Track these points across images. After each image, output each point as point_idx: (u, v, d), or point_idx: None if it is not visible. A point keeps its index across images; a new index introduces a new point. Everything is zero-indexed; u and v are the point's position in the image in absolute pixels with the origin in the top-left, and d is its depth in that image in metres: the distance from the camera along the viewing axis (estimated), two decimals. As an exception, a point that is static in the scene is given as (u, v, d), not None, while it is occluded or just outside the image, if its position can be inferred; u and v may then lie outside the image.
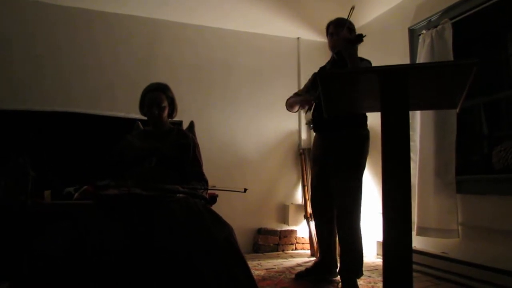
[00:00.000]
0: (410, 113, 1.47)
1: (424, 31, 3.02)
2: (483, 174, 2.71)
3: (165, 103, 2.16)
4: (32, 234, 1.74)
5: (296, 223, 3.87)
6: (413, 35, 3.26)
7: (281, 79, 4.06)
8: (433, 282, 2.57)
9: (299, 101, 2.58)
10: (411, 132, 2.81)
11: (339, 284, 2.47)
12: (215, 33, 3.92)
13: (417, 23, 3.19)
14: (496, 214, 2.50)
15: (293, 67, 4.18)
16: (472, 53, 3.10)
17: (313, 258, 3.44)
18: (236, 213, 3.39)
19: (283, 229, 3.85)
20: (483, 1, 2.68)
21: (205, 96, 3.82)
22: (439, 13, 2.98)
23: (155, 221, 1.55)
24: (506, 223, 2.42)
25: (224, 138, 3.85)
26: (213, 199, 2.09)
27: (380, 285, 2.45)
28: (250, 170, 3.85)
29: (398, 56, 3.32)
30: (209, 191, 2.07)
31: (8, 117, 2.77)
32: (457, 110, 1.58)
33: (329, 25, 2.55)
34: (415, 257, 2.64)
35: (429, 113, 2.87)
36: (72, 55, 3.42)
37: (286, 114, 2.91)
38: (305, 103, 2.54)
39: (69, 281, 1.43)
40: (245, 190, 1.94)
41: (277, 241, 3.79)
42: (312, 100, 2.48)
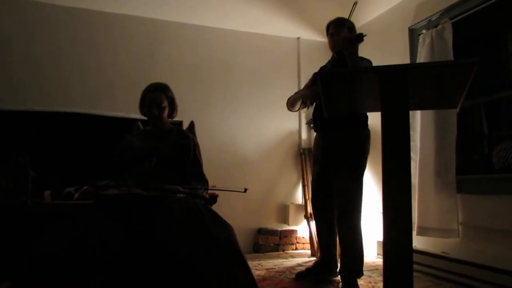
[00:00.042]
0: (410, 113, 1.47)
1: (424, 31, 3.01)
2: (483, 174, 2.71)
3: (165, 103, 2.16)
4: (32, 234, 1.73)
5: (296, 223, 3.87)
6: (413, 34, 3.26)
7: (281, 79, 4.06)
8: (434, 282, 2.57)
9: (302, 95, 2.57)
10: (411, 132, 2.83)
11: (340, 284, 2.46)
12: (215, 33, 3.92)
13: (417, 23, 3.19)
14: (496, 214, 2.49)
15: (293, 67, 4.18)
16: (472, 52, 3.10)
17: (313, 258, 3.44)
18: (236, 213, 3.40)
19: (284, 229, 3.85)
20: (483, 1, 2.68)
21: (205, 96, 3.82)
22: (439, 13, 2.98)
23: (155, 221, 1.55)
24: (506, 223, 2.42)
25: (224, 138, 3.84)
26: (213, 199, 2.09)
27: (381, 285, 2.45)
28: (250, 170, 3.85)
29: (398, 56, 3.32)
30: (209, 191, 2.07)
31: (8, 117, 2.77)
32: (457, 110, 1.58)
33: (329, 25, 2.54)
34: (416, 257, 2.64)
35: (429, 113, 2.86)
36: (72, 55, 3.42)
37: (286, 114, 2.91)
38: (307, 97, 2.53)
39: (69, 281, 1.44)
40: (245, 190, 1.94)
41: (277, 241, 3.79)
42: (315, 95, 2.46)
